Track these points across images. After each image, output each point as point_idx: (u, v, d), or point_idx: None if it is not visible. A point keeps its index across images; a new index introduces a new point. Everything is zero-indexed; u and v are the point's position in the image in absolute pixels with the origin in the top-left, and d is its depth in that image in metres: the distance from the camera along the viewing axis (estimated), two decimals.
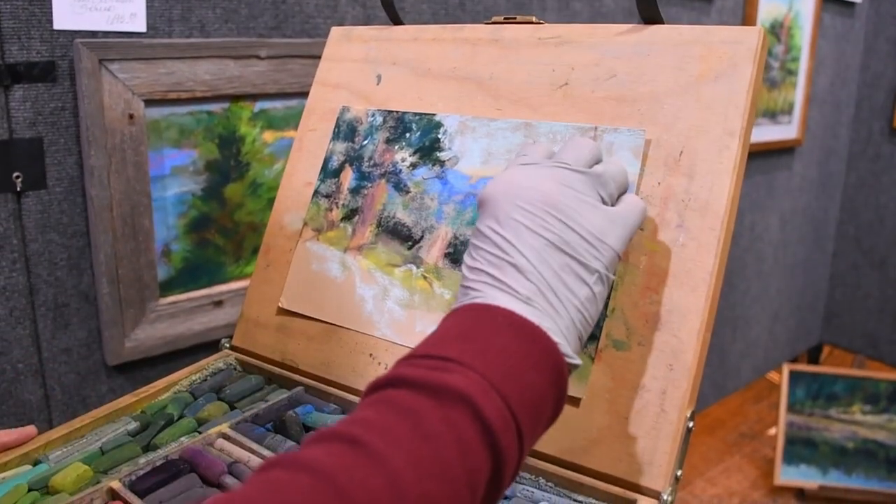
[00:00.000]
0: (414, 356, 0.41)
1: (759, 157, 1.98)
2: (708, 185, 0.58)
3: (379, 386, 0.39)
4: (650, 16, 0.64)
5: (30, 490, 0.55)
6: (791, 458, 2.19)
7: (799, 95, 2.03)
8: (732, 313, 2.06)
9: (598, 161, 0.52)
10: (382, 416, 0.36)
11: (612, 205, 0.50)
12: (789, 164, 2.11)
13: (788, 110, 2.00)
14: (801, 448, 2.20)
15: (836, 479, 2.17)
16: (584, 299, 0.45)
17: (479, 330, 0.42)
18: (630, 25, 0.65)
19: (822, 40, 2.09)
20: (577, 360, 0.45)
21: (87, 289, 0.94)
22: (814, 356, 2.55)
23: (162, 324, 0.99)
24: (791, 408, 2.22)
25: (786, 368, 2.22)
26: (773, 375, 2.54)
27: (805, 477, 2.18)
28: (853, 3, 2.17)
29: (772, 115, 1.95)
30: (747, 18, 1.80)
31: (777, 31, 1.89)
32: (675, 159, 0.60)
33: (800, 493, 2.18)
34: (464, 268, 0.47)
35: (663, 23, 0.64)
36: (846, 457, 2.19)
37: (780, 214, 2.13)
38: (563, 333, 0.44)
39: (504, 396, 0.39)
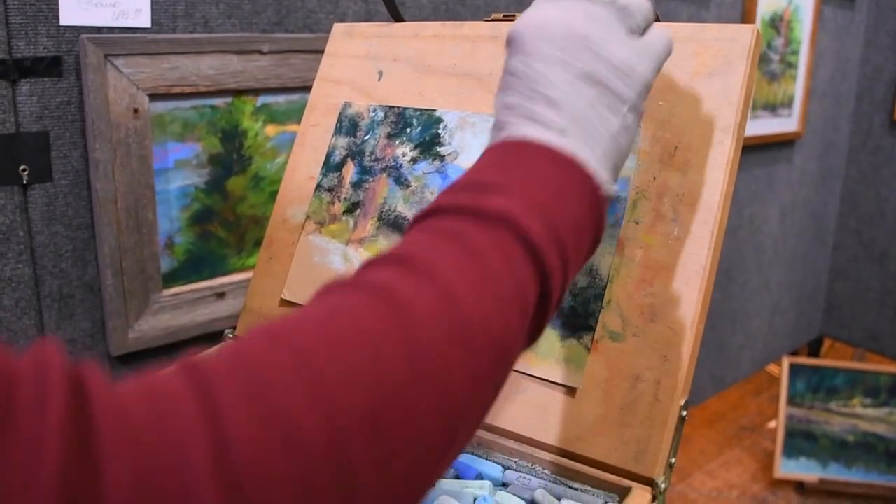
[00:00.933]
0: (455, 186, 0.41)
1: (759, 149, 1.99)
2: (702, 180, 0.59)
3: (421, 217, 0.40)
4: None
5: None
6: (791, 451, 2.20)
7: (799, 88, 2.03)
8: (732, 306, 2.07)
9: None
10: (429, 239, 0.37)
11: (640, 35, 0.49)
12: (789, 156, 2.12)
13: (788, 103, 2.01)
14: (801, 441, 2.21)
15: (836, 473, 2.18)
16: (619, 129, 0.45)
17: (517, 161, 0.42)
18: None
19: (823, 33, 2.10)
20: (613, 188, 0.45)
21: (91, 280, 0.96)
22: (814, 349, 2.56)
23: (165, 315, 1.01)
24: (791, 401, 2.23)
25: (786, 361, 2.23)
26: (773, 368, 2.56)
27: (805, 470, 2.19)
28: None
29: (772, 107, 1.95)
30: (747, 12, 1.81)
31: (777, 24, 1.90)
32: (670, 154, 0.61)
33: (799, 486, 2.19)
34: (496, 106, 0.46)
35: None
36: (846, 450, 2.20)
37: (780, 207, 2.14)
38: (599, 161, 0.44)
39: (548, 217, 0.39)
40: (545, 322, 0.40)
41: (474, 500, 0.55)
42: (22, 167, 0.87)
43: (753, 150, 1.97)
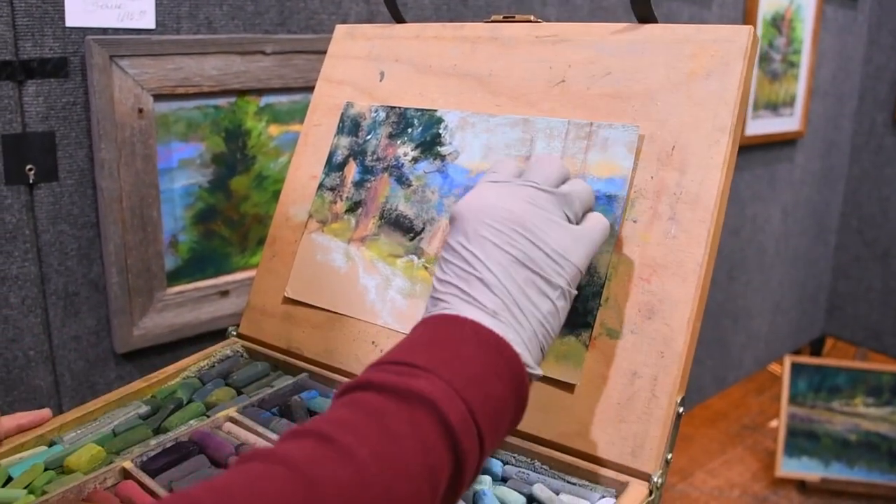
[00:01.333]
0: (383, 362, 0.43)
1: (761, 149, 1.99)
2: (699, 179, 0.60)
3: (350, 389, 0.42)
4: (644, 15, 0.66)
5: (46, 469, 0.58)
6: (793, 450, 2.21)
7: (801, 88, 2.04)
8: (734, 305, 2.08)
9: (565, 180, 0.54)
10: (352, 416, 0.39)
11: (578, 223, 0.52)
12: (791, 156, 2.12)
13: (790, 102, 2.01)
14: (803, 440, 2.21)
15: (838, 472, 2.18)
16: (547, 313, 0.48)
17: (446, 340, 0.44)
18: (625, 24, 0.67)
19: (825, 33, 2.10)
20: (538, 371, 0.47)
21: (96, 278, 0.97)
22: (816, 348, 2.56)
23: (169, 313, 1.02)
24: (793, 400, 2.23)
25: (787, 360, 2.23)
26: (775, 367, 2.56)
27: (807, 469, 2.19)
28: None
29: (773, 107, 1.96)
30: (748, 12, 1.81)
31: (778, 23, 1.90)
32: (667, 154, 0.62)
33: (801, 485, 2.19)
34: (434, 280, 0.49)
35: (657, 21, 0.66)
36: (848, 449, 2.20)
37: (781, 206, 2.15)
38: (525, 345, 0.46)
39: (467, 402, 0.41)
40: (457, 497, 0.42)
41: (474, 494, 0.56)
42: (28, 167, 0.88)
43: (755, 149, 1.97)
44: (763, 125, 1.94)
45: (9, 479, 0.57)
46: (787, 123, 2.02)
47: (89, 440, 0.61)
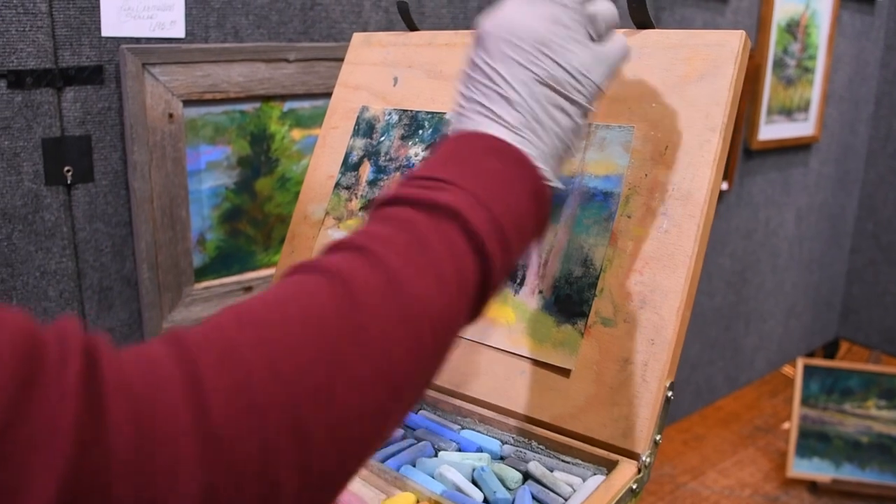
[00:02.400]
0: (412, 177, 0.46)
1: (774, 153, 2.01)
2: (690, 177, 0.64)
3: (383, 203, 0.45)
4: (642, 21, 0.70)
5: None
6: (804, 451, 2.22)
7: (816, 93, 2.05)
8: (746, 307, 2.10)
9: None
10: (384, 229, 0.42)
11: (601, 41, 0.53)
12: (805, 160, 2.14)
13: (805, 107, 2.03)
14: (815, 441, 2.22)
15: (849, 473, 2.19)
16: (568, 129, 0.50)
17: (470, 155, 0.47)
18: (623, 31, 0.71)
19: (841, 38, 2.12)
20: (557, 184, 0.50)
21: (129, 274, 1.03)
22: (830, 352, 2.56)
23: (196, 307, 1.08)
24: (805, 402, 2.24)
25: (800, 362, 2.24)
26: (788, 370, 2.57)
27: (818, 470, 2.20)
28: (873, 1, 2.19)
29: (787, 112, 1.98)
30: (763, 18, 1.84)
31: (793, 29, 1.93)
32: (660, 153, 0.66)
33: (812, 486, 2.20)
34: (458, 95, 0.52)
35: (654, 27, 0.70)
36: (860, 451, 2.20)
37: (795, 210, 2.16)
38: (545, 159, 0.49)
39: (490, 210, 0.44)
40: (486, 302, 0.46)
41: (473, 470, 0.60)
42: (66, 168, 0.94)
43: (768, 153, 1.99)
44: (777, 130, 1.96)
45: None
46: (801, 128, 2.04)
47: None
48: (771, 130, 1.94)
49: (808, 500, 2.13)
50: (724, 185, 1.85)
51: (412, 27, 0.85)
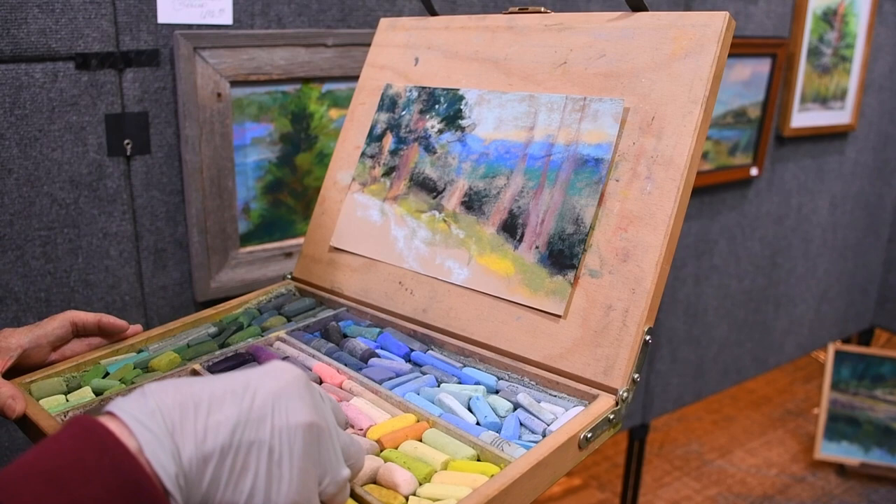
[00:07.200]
0: None
1: (808, 141, 2.03)
2: (672, 144, 0.71)
3: None
4: (636, 4, 0.77)
5: (135, 368, 0.73)
6: (833, 434, 2.22)
7: (853, 81, 2.06)
8: (776, 290, 2.12)
9: None
10: None
11: None
12: (841, 148, 2.14)
13: (841, 96, 2.04)
14: (844, 426, 2.22)
15: (878, 458, 2.19)
16: None
17: None
18: (619, 13, 0.78)
19: (881, 27, 2.12)
20: None
21: (181, 237, 1.14)
22: (865, 339, 2.56)
23: (241, 269, 1.18)
24: (835, 386, 2.25)
25: (831, 347, 2.25)
26: (820, 354, 2.57)
27: (846, 453, 2.20)
28: None
29: (822, 100, 2.00)
30: (797, 7, 1.86)
31: (830, 18, 1.94)
32: (647, 123, 0.72)
33: (840, 468, 2.21)
34: None
35: (647, 10, 0.77)
36: (890, 437, 2.20)
37: (830, 198, 2.17)
38: None
39: None
40: None
41: (469, 399, 0.68)
42: (126, 141, 1.06)
43: (802, 140, 2.01)
44: (811, 118, 1.98)
45: (106, 374, 0.73)
46: (836, 117, 2.05)
47: (169, 349, 0.77)
48: (804, 118, 1.96)
49: (835, 482, 2.15)
50: (755, 171, 1.88)
51: (432, 12, 0.93)
